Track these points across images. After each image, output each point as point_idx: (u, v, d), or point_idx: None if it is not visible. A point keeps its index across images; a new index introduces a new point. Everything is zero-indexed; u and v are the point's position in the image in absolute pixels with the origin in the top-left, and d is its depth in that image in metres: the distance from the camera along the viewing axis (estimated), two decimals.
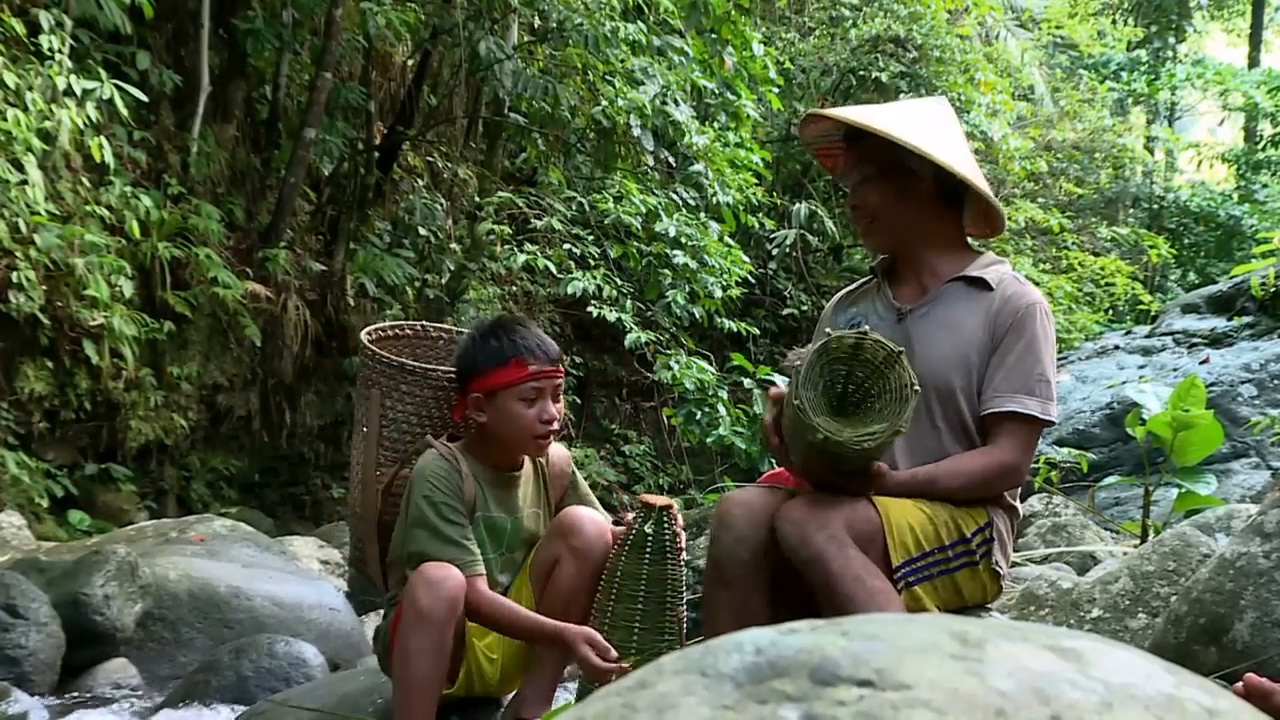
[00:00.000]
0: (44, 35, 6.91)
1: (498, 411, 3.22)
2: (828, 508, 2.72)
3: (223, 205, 8.75)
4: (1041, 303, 3.08)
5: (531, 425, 3.21)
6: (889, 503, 2.84)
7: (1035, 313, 3.04)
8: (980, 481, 2.97)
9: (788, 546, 2.71)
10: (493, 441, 3.27)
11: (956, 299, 3.09)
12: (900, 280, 3.20)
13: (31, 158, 6.64)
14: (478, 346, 3.28)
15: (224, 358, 8.69)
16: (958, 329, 3.04)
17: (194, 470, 8.48)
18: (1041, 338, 3.03)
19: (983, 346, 3.03)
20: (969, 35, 15.46)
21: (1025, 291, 3.08)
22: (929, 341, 3.05)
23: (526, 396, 3.20)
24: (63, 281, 7.05)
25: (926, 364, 2.97)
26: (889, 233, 3.14)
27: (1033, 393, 2.97)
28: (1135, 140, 21.40)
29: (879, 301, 3.20)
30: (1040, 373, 3.00)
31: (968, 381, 3.01)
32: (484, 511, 3.29)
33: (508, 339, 3.24)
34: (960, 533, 2.92)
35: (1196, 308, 9.90)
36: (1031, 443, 3.02)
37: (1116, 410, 7.41)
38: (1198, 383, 5.47)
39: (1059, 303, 15.99)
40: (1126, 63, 22.76)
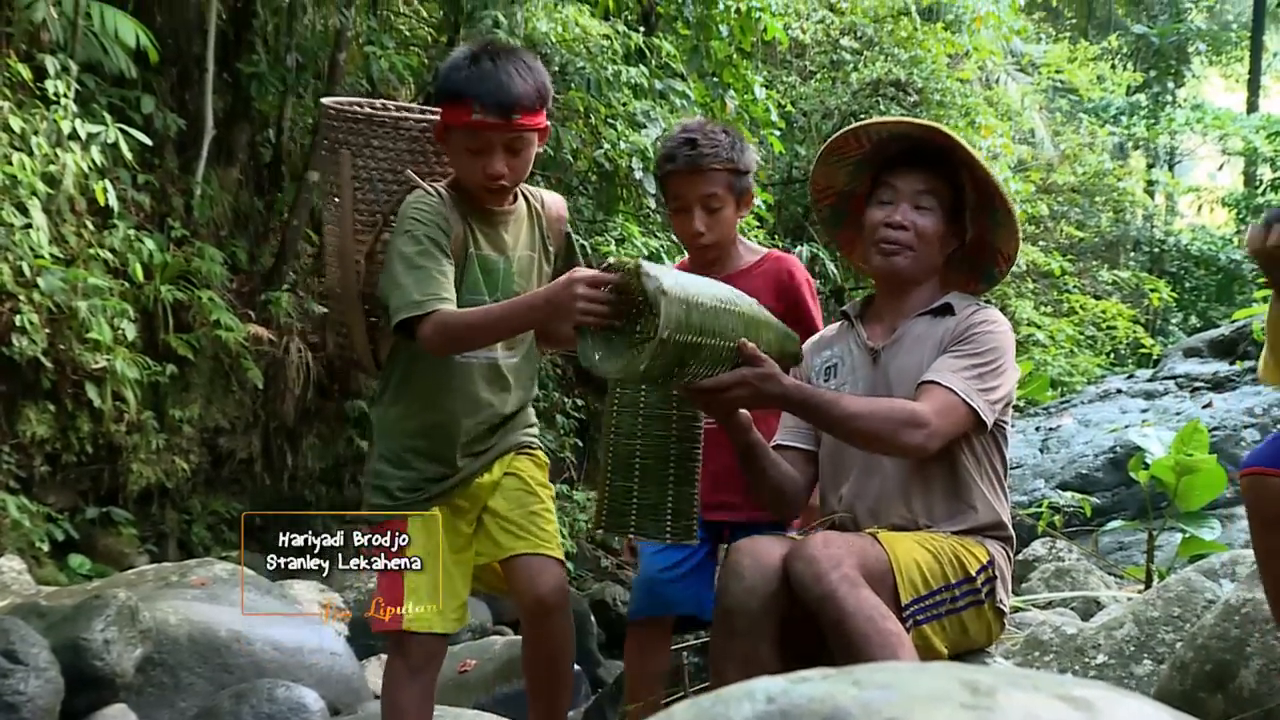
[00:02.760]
0: (50, 80, 6.95)
1: (450, 149, 3.11)
2: (841, 547, 2.71)
3: (226, 248, 8.76)
4: (1001, 319, 3.10)
5: (475, 175, 3.07)
6: (895, 541, 2.82)
7: (993, 326, 3.05)
8: (885, 421, 2.88)
9: (800, 585, 2.68)
10: None
11: (923, 330, 3.09)
12: (873, 320, 3.20)
13: (36, 201, 6.66)
14: (449, 69, 3.11)
15: (226, 400, 8.68)
16: (923, 353, 3.04)
17: (195, 513, 8.46)
18: (996, 348, 3.01)
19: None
20: (969, 79, 15.53)
21: (988, 313, 3.10)
22: (901, 373, 3.05)
23: (470, 145, 3.05)
24: (65, 325, 7.05)
25: (904, 395, 2.98)
26: (917, 264, 3.11)
27: (969, 378, 2.94)
28: (1136, 184, 21.47)
29: (852, 343, 3.19)
30: (984, 370, 2.97)
31: None
32: (476, 250, 3.14)
33: (470, 72, 3.04)
34: (965, 571, 2.91)
35: (1198, 352, 9.92)
36: (950, 414, 2.92)
37: (1119, 454, 7.40)
38: (1200, 427, 5.47)
39: (1061, 346, 16.01)
40: (1126, 107, 22.85)
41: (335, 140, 3.17)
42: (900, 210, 3.08)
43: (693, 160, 3.48)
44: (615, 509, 3.14)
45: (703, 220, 3.53)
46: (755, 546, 2.83)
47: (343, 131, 3.15)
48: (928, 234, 3.08)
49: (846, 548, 2.72)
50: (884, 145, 3.17)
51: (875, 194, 3.14)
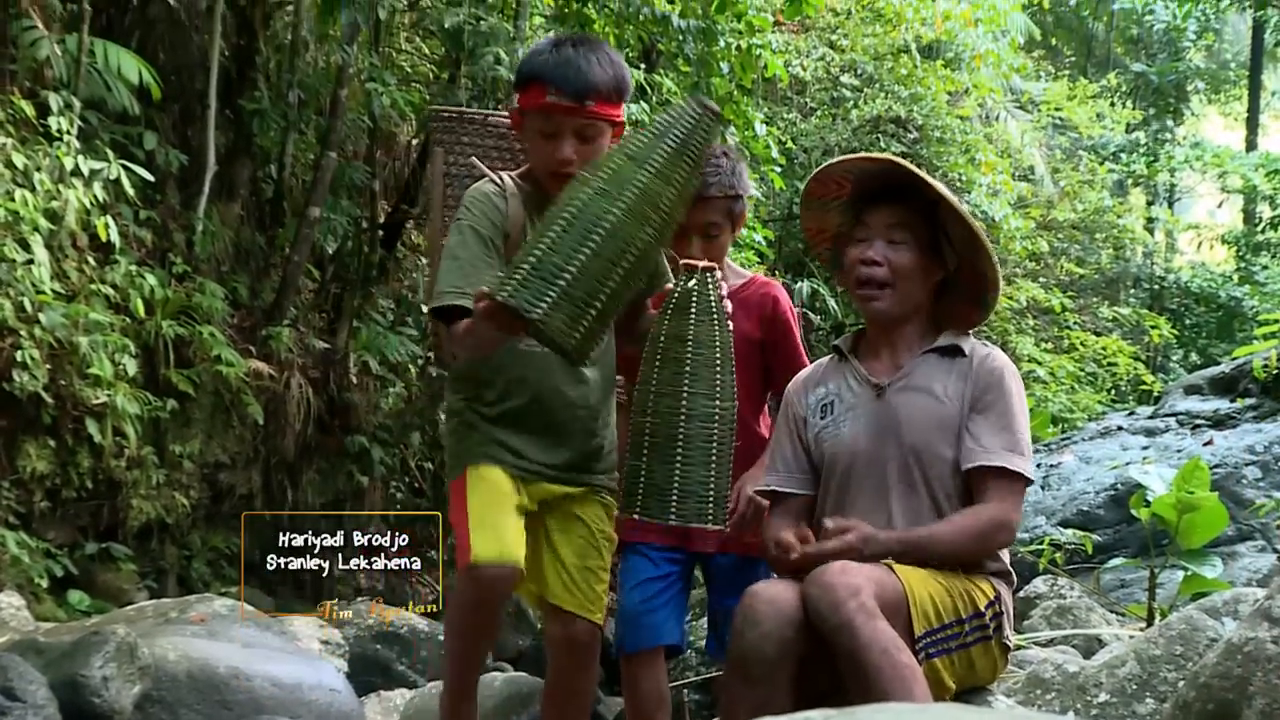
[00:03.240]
0: (53, 117, 6.98)
1: (524, 134, 3.10)
2: (858, 576, 2.70)
3: (227, 283, 8.77)
4: (1012, 365, 3.13)
5: (545, 160, 3.05)
6: (909, 572, 2.83)
7: (1011, 373, 3.09)
8: (977, 538, 2.96)
9: (816, 612, 2.68)
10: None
11: (932, 368, 3.10)
12: (871, 356, 3.19)
13: (38, 237, 6.68)
14: (530, 55, 3.12)
15: (226, 436, 8.68)
16: (938, 396, 3.05)
17: (194, 549, 8.44)
18: (1020, 398, 3.07)
19: (963, 409, 3.04)
20: (969, 116, 15.58)
21: (997, 353, 3.13)
22: (912, 412, 3.06)
23: (542, 128, 3.04)
24: (66, 360, 7.06)
25: (916, 436, 3.01)
26: (898, 302, 3.11)
27: (1018, 451, 2.99)
28: (1135, 221, 21.50)
29: (851, 378, 3.18)
30: (1022, 432, 3.03)
31: (955, 448, 3.01)
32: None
33: (549, 57, 3.04)
34: (974, 606, 2.92)
35: (1199, 389, 9.91)
36: (1020, 500, 3.02)
37: (1121, 491, 7.39)
38: (1202, 465, 5.46)
39: (1061, 382, 16.00)
40: (1125, 144, 22.90)
41: (434, 141, 3.27)
42: (874, 247, 3.08)
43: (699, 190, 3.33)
44: (651, 492, 3.01)
45: (700, 247, 3.47)
46: (772, 591, 2.82)
47: (439, 131, 3.26)
48: (904, 269, 3.08)
49: (864, 577, 2.72)
50: (865, 184, 3.17)
51: (852, 233, 3.15)
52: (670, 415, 2.92)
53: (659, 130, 2.73)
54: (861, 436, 3.08)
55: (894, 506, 3.01)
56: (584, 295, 2.65)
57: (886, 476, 3.04)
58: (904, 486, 3.02)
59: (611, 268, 2.67)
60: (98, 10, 7.77)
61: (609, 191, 2.66)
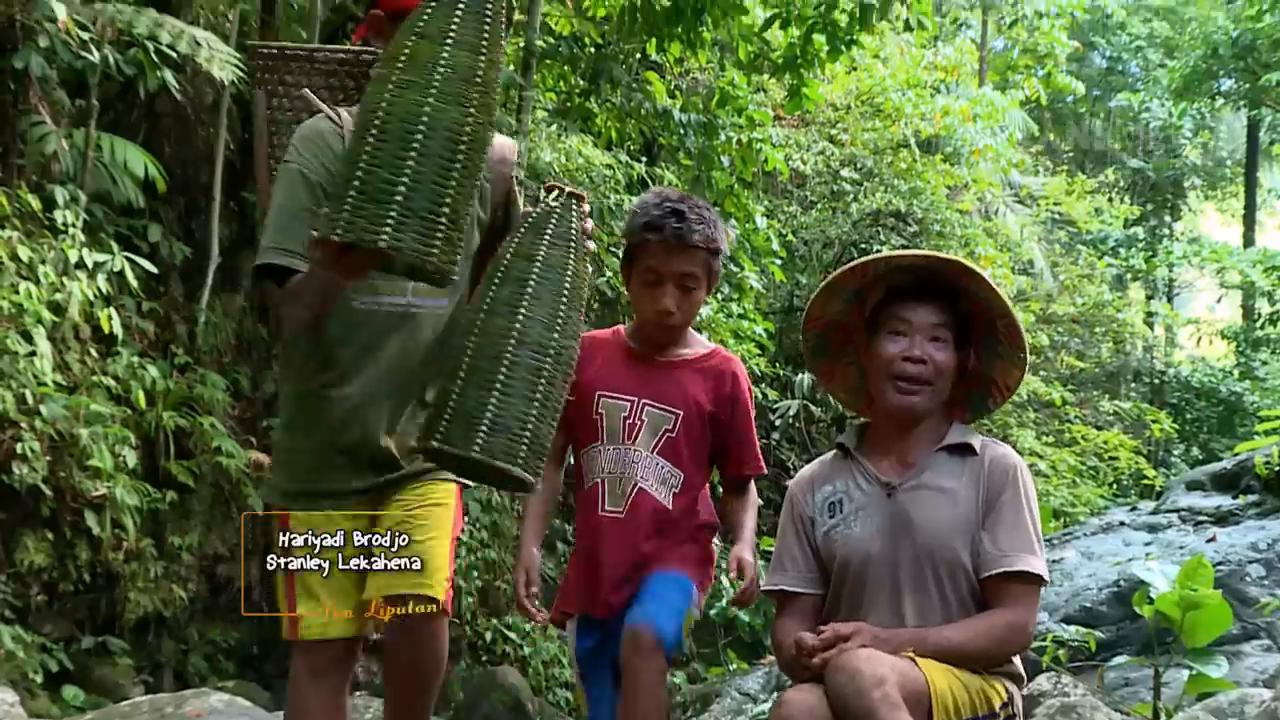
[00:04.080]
0: (59, 210, 7.03)
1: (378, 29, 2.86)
2: (883, 665, 2.68)
3: (228, 374, 8.78)
4: (1022, 462, 3.10)
5: None
6: (931, 666, 2.80)
7: (1023, 471, 3.06)
8: (994, 642, 2.93)
9: (839, 697, 2.65)
10: None
11: (944, 468, 3.06)
12: (879, 453, 3.13)
13: (41, 329, 6.70)
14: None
15: (225, 527, 8.64)
16: (953, 497, 3.02)
17: (191, 643, 8.38)
18: (1032, 497, 3.04)
19: (978, 511, 3.01)
20: (969, 210, 15.68)
21: (1008, 452, 3.09)
22: (927, 513, 3.01)
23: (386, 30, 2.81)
24: (67, 452, 7.05)
25: (929, 537, 2.97)
26: (933, 400, 3.09)
27: (1033, 551, 2.97)
28: (1135, 315, 21.58)
29: (859, 476, 3.12)
30: (1037, 532, 3.00)
31: (969, 550, 2.99)
32: None
33: None
34: (989, 706, 2.90)
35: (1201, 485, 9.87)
36: (1036, 601, 3.00)
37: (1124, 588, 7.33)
38: (1205, 562, 5.42)
39: (1063, 476, 15.95)
40: (1124, 239, 23.05)
41: (256, 83, 2.87)
42: (917, 345, 3.04)
43: (680, 235, 3.18)
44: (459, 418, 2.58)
45: (675, 299, 3.24)
46: (805, 697, 2.77)
47: (261, 71, 2.85)
48: (945, 369, 3.06)
49: (889, 667, 2.69)
50: (886, 275, 3.15)
51: (884, 326, 3.08)
52: (499, 336, 2.58)
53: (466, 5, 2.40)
54: (873, 537, 3.03)
55: (907, 607, 2.97)
56: (427, 204, 2.34)
57: (899, 577, 2.99)
58: (917, 587, 2.98)
59: (447, 165, 2.36)
60: (105, 106, 7.85)
61: (414, 82, 2.35)
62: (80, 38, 6.94)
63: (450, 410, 2.58)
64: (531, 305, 2.59)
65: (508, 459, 2.56)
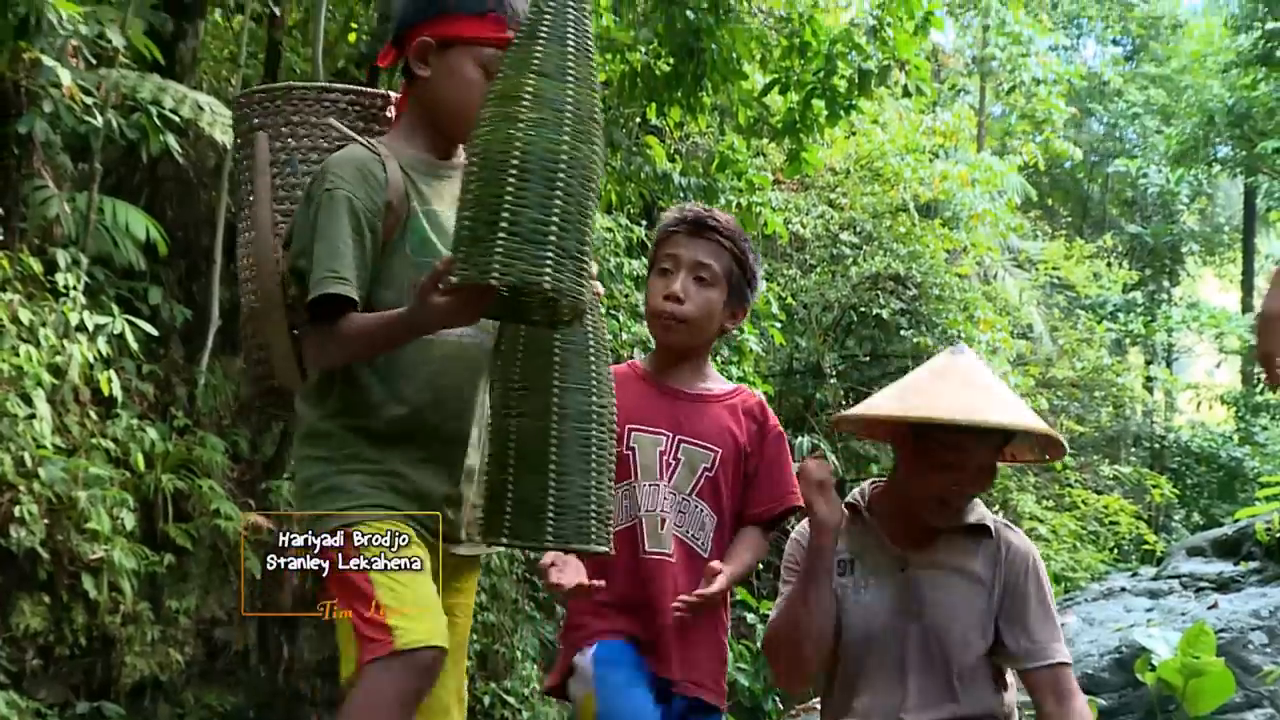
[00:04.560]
0: (60, 273, 7.05)
1: (449, 71, 2.61)
2: None
3: (227, 437, 8.78)
4: (1036, 549, 3.09)
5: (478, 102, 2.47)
6: None
7: (1039, 561, 3.04)
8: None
9: None
10: (432, 113, 2.65)
11: (960, 549, 3.02)
12: (895, 522, 3.06)
13: (41, 392, 6.70)
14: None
15: (223, 590, 8.61)
16: (968, 580, 2.99)
17: (188, 707, 8.32)
18: (1042, 570, 3.04)
19: (994, 598, 2.99)
20: (968, 274, 15.71)
21: (1024, 539, 3.08)
22: (940, 594, 2.98)
23: (489, 66, 2.55)
24: (65, 514, 7.03)
25: (939, 615, 2.95)
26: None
27: (1060, 640, 2.99)
28: (1134, 379, 21.60)
29: (871, 540, 3.06)
30: (1053, 612, 3.01)
31: (980, 633, 2.97)
32: (422, 205, 2.62)
33: None
34: None
35: (1202, 551, 9.83)
36: (1072, 680, 2.99)
37: (1125, 655, 7.29)
38: (1207, 629, 5.41)
39: (1063, 541, 15.91)
40: (1123, 304, 23.13)
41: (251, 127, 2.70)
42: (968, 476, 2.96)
43: (701, 223, 3.07)
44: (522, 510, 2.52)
45: (686, 286, 3.04)
46: None
47: (258, 116, 2.69)
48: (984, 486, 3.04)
49: None
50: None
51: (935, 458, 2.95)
52: (539, 416, 2.51)
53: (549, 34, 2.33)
54: (883, 609, 2.99)
55: (910, 684, 2.94)
56: (575, 244, 2.30)
57: (905, 653, 2.96)
58: (922, 665, 2.95)
59: (585, 203, 2.33)
60: (108, 169, 7.90)
61: (547, 120, 2.29)
62: (84, 103, 6.98)
63: (511, 501, 2.52)
64: (564, 374, 2.54)
65: (580, 539, 2.53)
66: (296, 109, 2.66)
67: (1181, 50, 26.09)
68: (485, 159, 2.30)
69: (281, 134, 2.66)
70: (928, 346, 13.95)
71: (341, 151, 2.56)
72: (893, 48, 9.63)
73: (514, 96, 2.30)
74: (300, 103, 2.66)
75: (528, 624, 9.94)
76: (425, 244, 2.59)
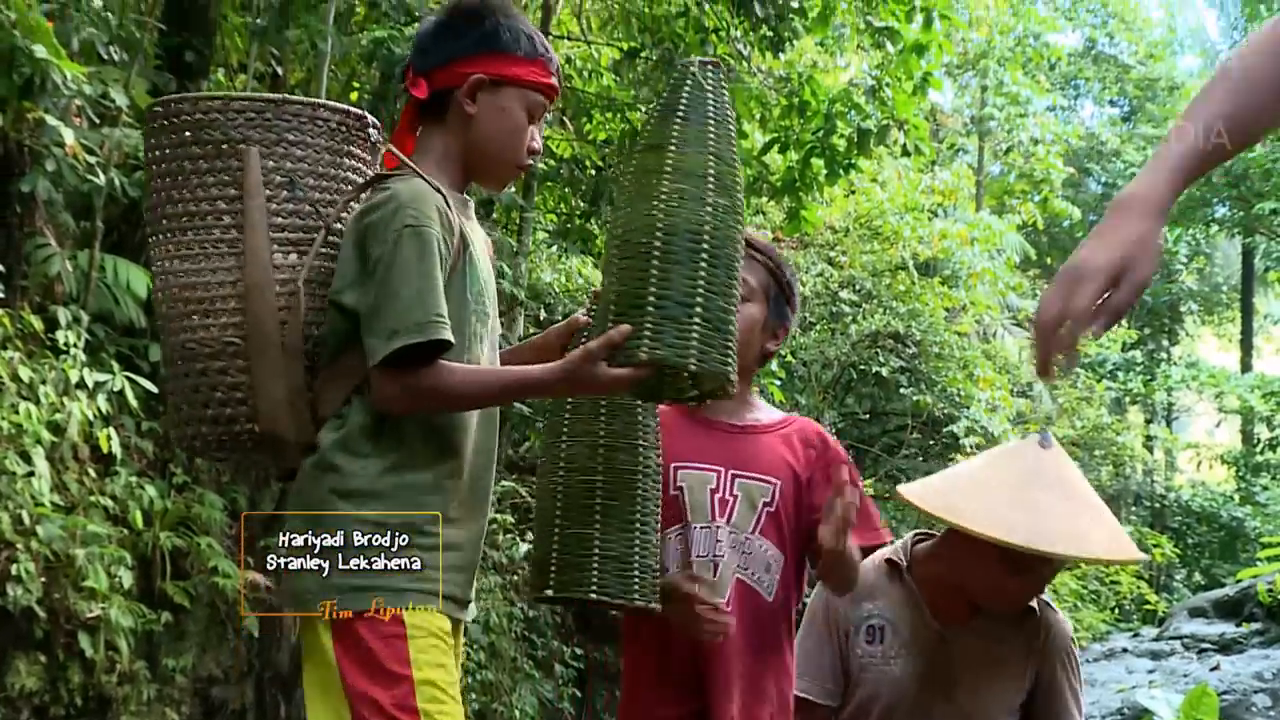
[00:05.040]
0: (61, 331, 7.06)
1: (499, 110, 2.49)
2: None
3: (226, 494, 8.75)
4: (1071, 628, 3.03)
5: (521, 147, 2.51)
6: None
7: (1074, 643, 2.99)
8: None
9: None
10: (471, 150, 2.52)
11: (1000, 626, 2.94)
12: (940, 592, 2.95)
13: (40, 449, 6.69)
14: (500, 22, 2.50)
15: (220, 649, 8.56)
16: (1004, 658, 2.93)
17: None
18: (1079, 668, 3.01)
19: (1029, 678, 2.93)
20: (967, 333, 15.74)
21: (1064, 621, 3.00)
22: (975, 672, 2.90)
23: (533, 110, 2.51)
24: (62, 573, 6.99)
25: (970, 694, 2.88)
26: None
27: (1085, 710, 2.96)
28: (1134, 439, 21.58)
29: (910, 608, 2.95)
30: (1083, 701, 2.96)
31: (1006, 712, 2.91)
32: (473, 247, 2.47)
33: (535, 32, 2.54)
34: None
35: (1204, 611, 9.82)
36: None
37: (1127, 716, 7.27)
38: (1209, 691, 5.38)
39: (1064, 600, 15.86)
40: (1122, 363, 23.17)
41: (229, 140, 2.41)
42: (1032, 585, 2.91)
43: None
44: (568, 563, 2.49)
45: None
46: None
47: (240, 127, 2.42)
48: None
49: None
50: None
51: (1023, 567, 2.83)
52: (585, 468, 2.50)
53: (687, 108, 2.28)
54: (912, 680, 2.89)
55: None
56: (719, 320, 2.23)
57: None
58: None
59: (729, 278, 2.27)
60: (110, 227, 7.92)
61: (690, 192, 2.24)
62: (87, 161, 7.02)
63: (556, 556, 2.51)
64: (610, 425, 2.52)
65: (624, 595, 2.49)
66: (291, 125, 2.43)
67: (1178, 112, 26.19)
68: (625, 226, 2.27)
69: (277, 153, 2.42)
70: (927, 404, 13.97)
71: (410, 185, 2.39)
72: (891, 107, 9.71)
73: (654, 170, 2.26)
74: (295, 119, 2.44)
75: (526, 682, 9.89)
76: (480, 288, 2.47)
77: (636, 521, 2.50)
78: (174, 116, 2.46)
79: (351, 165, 2.53)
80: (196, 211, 2.42)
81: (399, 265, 2.29)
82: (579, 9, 10.60)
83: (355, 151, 2.56)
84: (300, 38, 7.76)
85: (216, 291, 2.40)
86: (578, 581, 2.49)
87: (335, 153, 2.49)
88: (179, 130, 2.44)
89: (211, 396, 2.41)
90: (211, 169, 2.40)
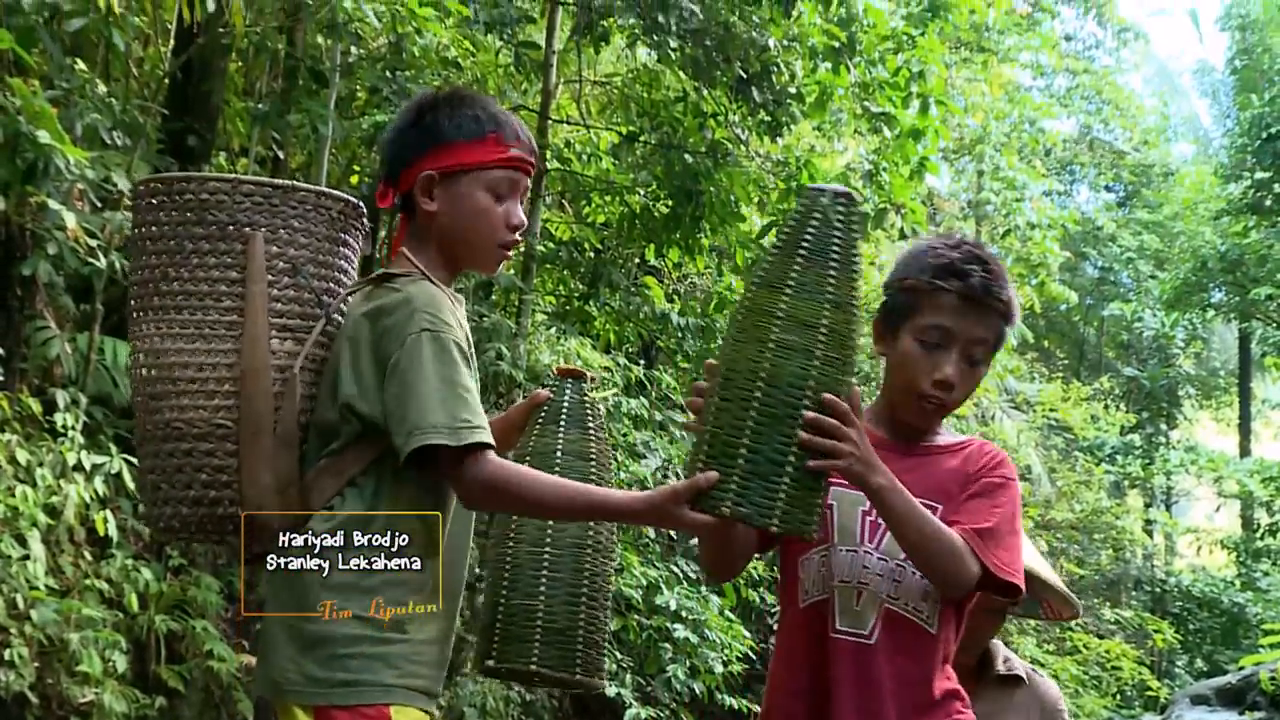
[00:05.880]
0: (59, 413, 7.05)
1: (457, 201, 2.46)
2: None
3: (222, 576, 8.69)
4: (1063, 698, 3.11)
5: (495, 229, 2.47)
6: None
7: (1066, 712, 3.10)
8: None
9: None
10: (445, 244, 2.50)
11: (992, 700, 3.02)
12: None
13: (36, 533, 6.66)
14: (440, 114, 2.49)
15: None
16: None
17: None
18: None
19: None
20: (966, 415, 15.74)
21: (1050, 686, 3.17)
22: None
23: (497, 188, 2.48)
24: (56, 657, 6.94)
25: None
26: None
27: None
28: (1134, 522, 21.52)
29: None
30: None
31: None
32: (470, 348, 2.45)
33: (482, 110, 2.49)
34: None
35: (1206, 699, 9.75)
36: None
37: None
38: None
39: (1065, 685, 15.72)
40: (1121, 446, 23.14)
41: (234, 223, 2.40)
42: None
43: (988, 289, 2.48)
44: (511, 634, 2.51)
45: (958, 370, 2.49)
46: None
47: (246, 210, 2.41)
48: None
49: None
50: None
51: None
52: (534, 541, 2.52)
53: (810, 247, 2.18)
54: None
55: None
56: (811, 479, 2.16)
57: None
58: None
59: None
60: (109, 309, 7.93)
61: (799, 344, 2.15)
62: (88, 245, 7.05)
63: (500, 627, 2.54)
64: None
65: (565, 669, 2.53)
66: (296, 212, 2.43)
67: (1173, 197, 26.43)
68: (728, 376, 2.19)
69: (281, 238, 2.41)
70: None
71: (421, 289, 2.39)
72: (889, 191, 9.78)
73: (767, 313, 2.17)
74: (300, 205, 2.44)
75: None
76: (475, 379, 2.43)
77: (583, 595, 2.54)
78: (175, 195, 2.45)
79: (345, 254, 2.55)
80: (195, 291, 2.40)
81: (416, 368, 2.30)
82: (578, 94, 10.69)
83: (350, 240, 2.58)
84: (301, 122, 7.81)
85: (210, 373, 2.38)
86: (520, 653, 2.52)
87: (334, 241, 2.50)
88: (180, 209, 2.43)
89: (195, 478, 2.39)
90: (214, 250, 2.40)
